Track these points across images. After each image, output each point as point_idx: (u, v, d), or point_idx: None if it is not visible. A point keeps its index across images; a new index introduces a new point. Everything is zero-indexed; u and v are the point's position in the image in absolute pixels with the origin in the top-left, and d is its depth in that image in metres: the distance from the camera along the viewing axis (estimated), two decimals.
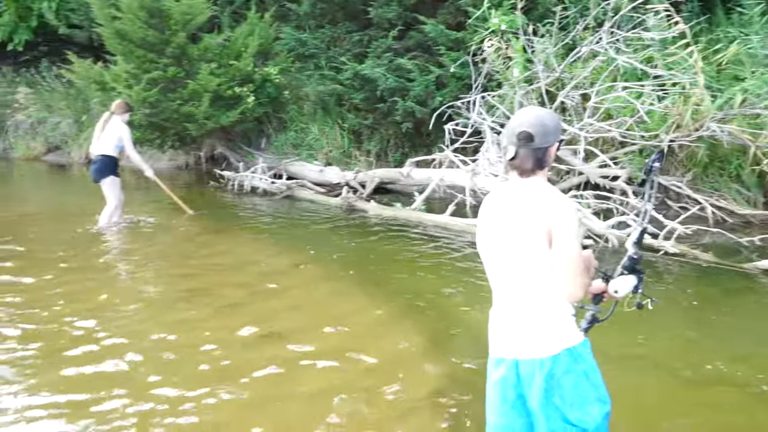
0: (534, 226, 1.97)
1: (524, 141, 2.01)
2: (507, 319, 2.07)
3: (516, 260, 2.02)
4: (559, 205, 1.98)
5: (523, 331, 2.03)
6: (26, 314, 4.46)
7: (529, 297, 2.02)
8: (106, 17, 9.31)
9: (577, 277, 1.96)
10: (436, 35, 8.28)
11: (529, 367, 2.00)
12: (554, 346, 1.99)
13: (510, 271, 2.04)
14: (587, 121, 6.53)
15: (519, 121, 2.05)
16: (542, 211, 1.97)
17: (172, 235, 6.96)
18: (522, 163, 2.03)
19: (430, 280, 5.14)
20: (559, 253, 1.96)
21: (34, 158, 14.99)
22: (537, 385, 1.98)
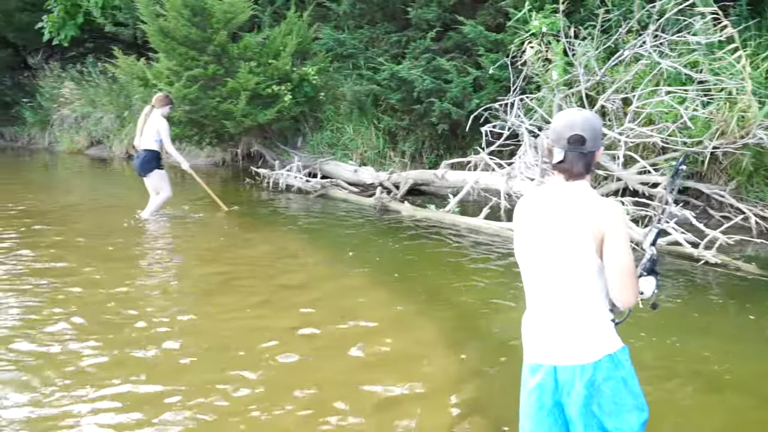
0: (584, 230, 1.93)
1: (575, 144, 1.96)
2: (546, 324, 2.02)
3: (561, 265, 1.97)
4: (612, 210, 1.94)
5: (564, 336, 1.98)
6: (66, 299, 4.58)
7: (572, 302, 1.98)
8: (150, 15, 9.50)
9: (631, 283, 1.93)
10: (475, 36, 8.23)
11: (568, 374, 1.95)
12: (596, 353, 1.95)
13: (553, 275, 1.99)
14: (628, 125, 6.40)
15: (568, 123, 1.99)
16: (594, 215, 1.93)
17: (207, 230, 7.06)
18: (571, 167, 1.99)
19: (460, 282, 5.09)
20: (614, 259, 1.92)
21: (77, 152, 15.42)
22: (577, 392, 1.93)
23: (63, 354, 3.73)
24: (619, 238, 1.92)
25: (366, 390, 3.31)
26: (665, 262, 5.55)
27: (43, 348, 3.80)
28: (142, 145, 7.12)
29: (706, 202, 6.79)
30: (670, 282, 5.06)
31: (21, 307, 4.49)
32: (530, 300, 2.09)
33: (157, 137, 7.07)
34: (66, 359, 3.66)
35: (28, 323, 4.20)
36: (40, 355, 3.72)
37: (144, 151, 7.11)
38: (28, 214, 7.82)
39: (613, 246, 1.92)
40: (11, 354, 3.71)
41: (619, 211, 1.95)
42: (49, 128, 16.76)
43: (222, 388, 3.31)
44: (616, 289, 1.94)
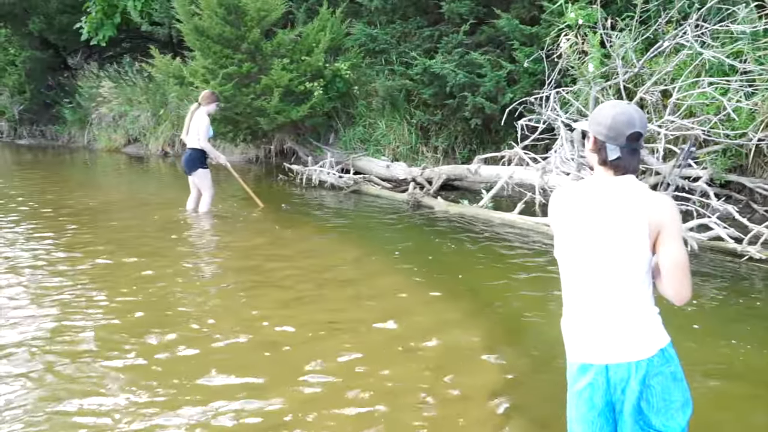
0: (640, 225, 1.88)
1: (633, 142, 1.91)
2: (596, 322, 1.96)
3: (615, 260, 1.92)
4: (668, 204, 1.89)
5: (616, 334, 1.93)
6: (106, 294, 4.69)
7: (624, 298, 1.93)
8: (186, 14, 9.64)
9: (688, 279, 1.89)
10: (509, 30, 8.13)
11: (623, 372, 1.90)
12: (650, 348, 1.90)
13: (605, 271, 1.94)
14: (668, 118, 6.25)
15: (629, 120, 1.90)
16: (650, 210, 1.87)
17: (242, 227, 7.13)
18: (627, 164, 1.93)
19: (496, 278, 5.04)
20: (670, 254, 1.87)
21: (115, 149, 15.77)
22: (631, 389, 1.89)
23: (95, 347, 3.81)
24: (676, 233, 1.88)
25: (406, 388, 3.28)
26: (707, 258, 5.41)
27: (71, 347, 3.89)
28: (189, 143, 7.20)
29: (750, 197, 6.60)
30: (713, 279, 4.92)
31: (61, 303, 4.60)
32: (574, 297, 2.02)
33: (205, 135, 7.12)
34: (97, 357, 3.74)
35: (68, 317, 4.30)
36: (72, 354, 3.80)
37: (190, 149, 7.19)
38: (71, 211, 8.02)
39: (669, 241, 1.87)
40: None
41: (674, 206, 1.91)
42: (88, 127, 17.17)
43: (256, 393, 3.33)
44: (673, 285, 1.89)
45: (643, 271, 1.92)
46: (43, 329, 4.04)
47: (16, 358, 3.62)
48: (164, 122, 14.09)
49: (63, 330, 4.04)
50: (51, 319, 4.23)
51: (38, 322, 4.16)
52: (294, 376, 3.40)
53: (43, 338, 3.91)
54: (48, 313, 4.32)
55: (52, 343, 3.83)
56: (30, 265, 5.48)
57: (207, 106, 7.19)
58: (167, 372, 3.47)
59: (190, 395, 3.21)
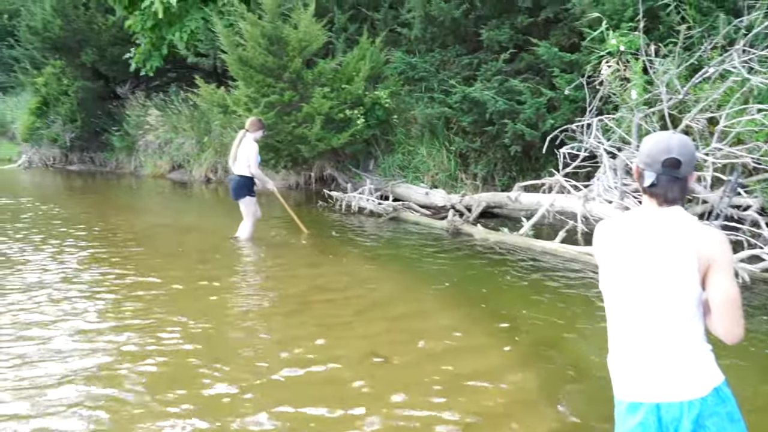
0: (688, 259, 1.83)
1: (670, 168, 1.88)
2: (646, 359, 1.91)
3: (663, 295, 1.87)
4: (718, 238, 1.84)
5: (668, 371, 1.88)
6: (151, 319, 4.79)
7: (675, 334, 1.88)
8: (230, 45, 9.93)
9: (740, 315, 1.83)
10: (549, 57, 8.12)
11: (675, 411, 1.84)
12: (703, 387, 1.84)
13: (654, 307, 1.89)
14: (715, 145, 6.10)
15: (664, 147, 1.90)
16: (699, 243, 1.83)
17: (283, 252, 7.22)
18: (665, 191, 1.90)
19: (540, 310, 4.95)
20: (722, 290, 1.82)
21: (160, 175, 16.21)
22: (684, 430, 1.83)
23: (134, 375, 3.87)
24: (726, 268, 1.83)
25: (447, 419, 3.24)
26: (760, 290, 5.22)
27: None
28: (236, 170, 7.32)
29: None
30: (761, 312, 4.74)
31: (114, 321, 4.72)
32: (622, 333, 1.98)
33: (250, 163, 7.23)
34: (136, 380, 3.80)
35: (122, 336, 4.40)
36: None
37: (238, 176, 7.30)
38: (119, 234, 8.26)
39: (719, 276, 1.82)
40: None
41: (725, 240, 1.85)
42: (134, 154, 17.73)
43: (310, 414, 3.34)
44: (724, 322, 1.83)
45: (693, 307, 1.86)
46: (93, 364, 4.15)
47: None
48: (208, 149, 14.45)
49: (120, 361, 4.13)
50: (101, 353, 4.33)
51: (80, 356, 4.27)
52: (353, 411, 3.38)
53: (97, 370, 4.01)
54: (91, 345, 4.43)
55: (99, 376, 3.92)
56: (73, 287, 5.65)
57: (254, 133, 7.32)
58: (229, 406, 3.50)
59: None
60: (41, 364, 3.94)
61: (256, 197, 7.43)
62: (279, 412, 3.33)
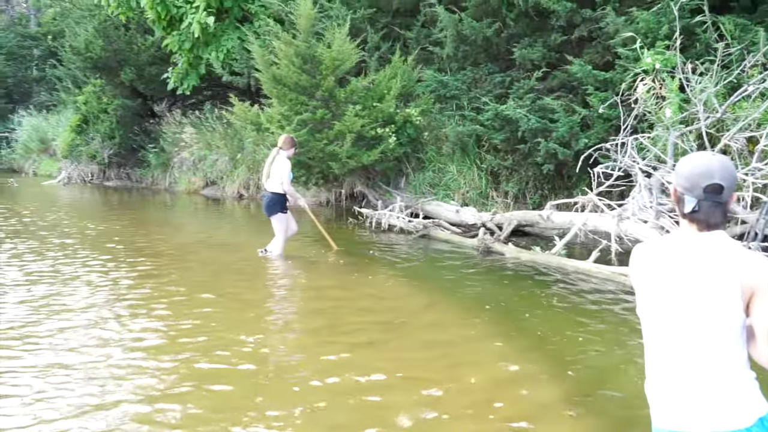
0: (732, 286, 1.78)
1: (712, 194, 1.82)
2: (687, 387, 1.85)
3: (706, 322, 1.82)
4: (762, 265, 1.79)
5: (709, 401, 1.82)
6: (175, 333, 4.84)
7: (717, 362, 1.82)
8: (265, 64, 10.11)
9: None
10: (582, 75, 8.06)
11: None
12: (748, 417, 1.77)
13: (695, 333, 1.84)
14: (755, 165, 5.96)
15: (705, 172, 1.84)
16: (743, 270, 1.78)
17: (312, 269, 7.26)
18: (707, 217, 1.84)
19: (571, 331, 4.86)
20: (765, 318, 1.77)
21: (194, 191, 16.49)
22: None
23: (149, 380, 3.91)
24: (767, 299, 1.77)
25: None
26: None
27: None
28: (269, 188, 7.42)
29: None
30: None
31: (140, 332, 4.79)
32: (661, 360, 1.92)
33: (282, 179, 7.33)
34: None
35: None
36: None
37: (270, 193, 7.40)
38: (155, 249, 8.42)
39: (764, 304, 1.77)
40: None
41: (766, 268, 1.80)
42: (169, 170, 18.09)
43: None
44: (767, 351, 1.77)
45: (736, 334, 1.80)
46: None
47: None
48: (240, 166, 14.66)
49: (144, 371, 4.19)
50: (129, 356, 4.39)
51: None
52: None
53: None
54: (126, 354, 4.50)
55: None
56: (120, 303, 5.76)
57: (287, 150, 7.41)
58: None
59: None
60: (103, 381, 3.99)
61: (288, 213, 7.50)
62: None
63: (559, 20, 8.64)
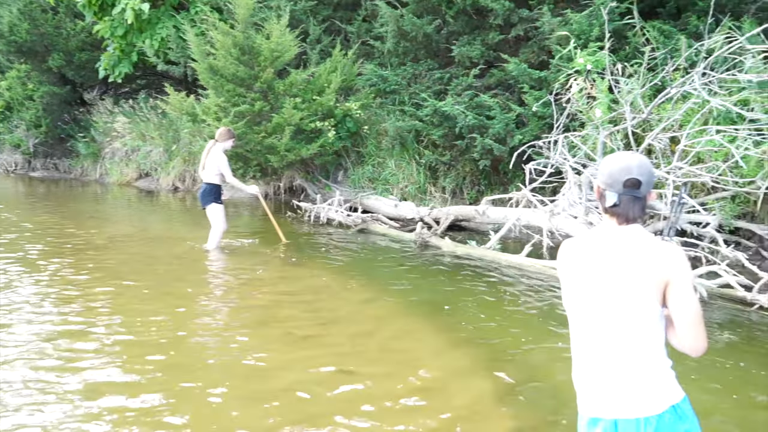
0: (646, 277, 1.87)
1: (631, 188, 1.92)
2: (606, 376, 1.95)
3: (622, 313, 1.91)
4: (675, 256, 1.88)
5: (626, 388, 1.91)
6: (107, 329, 4.68)
7: (634, 352, 1.91)
8: (201, 54, 9.86)
9: (702, 330, 1.88)
10: (518, 74, 8.25)
11: (631, 428, 1.87)
12: (660, 404, 1.87)
13: (613, 324, 1.93)
14: (676, 164, 6.27)
15: (624, 167, 1.95)
16: (657, 262, 1.87)
17: (249, 263, 7.14)
18: (626, 211, 1.94)
19: (504, 324, 5.00)
20: (683, 307, 1.86)
21: (126, 184, 15.95)
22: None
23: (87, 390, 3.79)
24: (686, 285, 1.87)
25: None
26: (716, 306, 5.35)
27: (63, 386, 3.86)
28: (204, 178, 7.38)
29: (759, 243, 6.56)
30: (720, 328, 4.86)
31: (65, 325, 4.60)
32: (584, 350, 2.01)
33: (218, 171, 7.27)
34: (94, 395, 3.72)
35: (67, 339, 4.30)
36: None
37: (205, 184, 7.38)
38: (81, 244, 8.08)
39: (680, 293, 1.86)
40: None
41: (682, 256, 1.89)
42: (100, 161, 17.41)
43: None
44: (687, 337, 1.87)
45: (652, 324, 1.90)
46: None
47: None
48: (176, 158, 14.28)
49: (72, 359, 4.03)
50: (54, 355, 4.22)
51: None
52: (304, 426, 3.35)
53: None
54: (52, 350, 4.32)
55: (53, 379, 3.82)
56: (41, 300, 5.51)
57: (224, 142, 7.34)
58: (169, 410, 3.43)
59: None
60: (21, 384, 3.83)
61: (223, 206, 7.40)
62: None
63: (497, 19, 8.81)
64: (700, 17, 7.41)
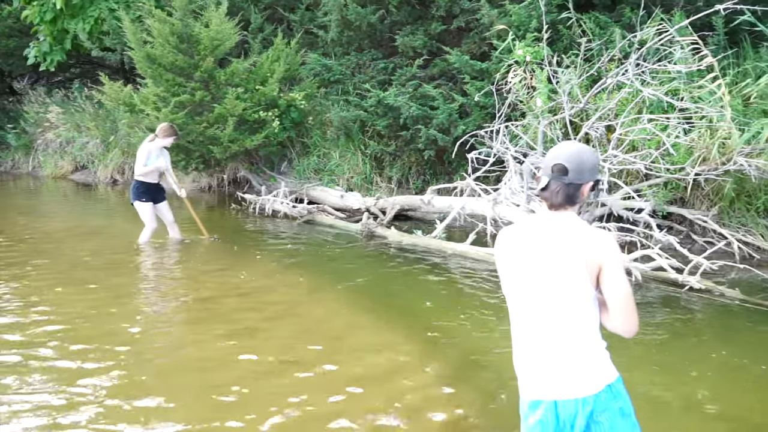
0: (577, 261, 1.93)
1: (557, 174, 1.99)
2: (543, 359, 2.00)
3: (556, 297, 1.96)
4: (606, 240, 1.95)
5: (563, 370, 1.97)
6: (39, 326, 4.51)
7: (569, 335, 1.97)
8: (137, 42, 9.53)
9: (633, 312, 1.94)
10: (460, 65, 8.34)
11: (570, 408, 1.94)
12: (596, 384, 1.94)
13: (548, 308, 1.98)
14: (611, 152, 6.48)
15: (556, 153, 2.03)
16: (587, 246, 1.93)
17: (191, 257, 7.00)
18: (551, 196, 2.00)
19: (449, 310, 5.08)
20: (614, 289, 1.92)
21: (61, 176, 15.30)
22: (579, 426, 1.93)
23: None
24: (617, 268, 1.93)
25: (347, 424, 3.26)
26: (650, 288, 5.58)
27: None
28: (135, 174, 7.15)
29: (690, 228, 6.87)
30: (654, 309, 5.08)
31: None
32: (522, 335, 2.06)
33: (144, 167, 7.01)
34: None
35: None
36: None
37: (133, 180, 7.19)
38: (16, 238, 7.72)
39: (612, 277, 1.92)
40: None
41: (612, 241, 1.96)
42: (33, 153, 16.64)
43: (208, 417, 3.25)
44: (619, 319, 1.94)
45: (586, 307, 1.96)
46: None
47: None
48: (114, 149, 13.79)
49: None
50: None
51: None
52: (245, 418, 3.32)
53: None
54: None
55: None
56: None
57: (163, 139, 7.12)
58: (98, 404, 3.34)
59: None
60: None
61: (149, 204, 7.14)
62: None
63: (439, 10, 8.87)
64: (633, 9, 7.65)
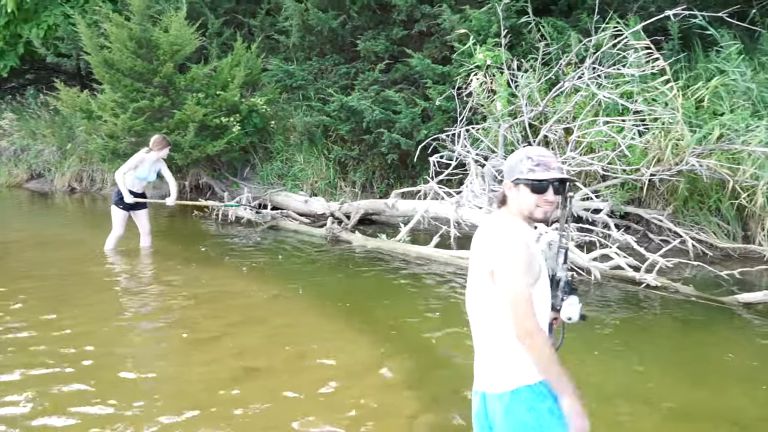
0: (484, 262, 2.01)
1: (501, 176, 2.06)
2: (477, 353, 2.11)
3: (476, 297, 2.06)
4: (502, 241, 1.95)
5: (487, 365, 2.05)
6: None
7: (488, 334, 2.04)
8: (94, 47, 9.36)
9: (519, 316, 1.89)
10: (422, 69, 8.41)
11: (492, 400, 2.01)
12: (512, 382, 1.97)
13: (477, 308, 2.07)
14: (570, 154, 6.62)
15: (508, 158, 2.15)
16: (489, 247, 2.00)
17: (153, 266, 6.88)
18: (495, 196, 2.09)
19: (414, 313, 5.11)
20: (502, 292, 1.94)
21: (16, 185, 14.85)
22: (498, 419, 1.98)
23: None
24: (506, 271, 1.92)
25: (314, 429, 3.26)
26: (609, 286, 5.71)
27: None
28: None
29: (646, 227, 7.06)
30: (612, 306, 5.20)
31: None
32: (472, 331, 2.16)
33: (139, 175, 7.06)
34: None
35: None
36: None
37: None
38: None
39: (500, 279, 1.94)
40: None
41: (509, 243, 1.93)
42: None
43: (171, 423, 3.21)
44: (511, 322, 1.92)
45: (496, 309, 1.98)
46: None
47: None
48: (71, 157, 13.47)
49: None
50: None
51: None
52: (205, 424, 3.29)
53: None
54: None
55: None
56: None
57: (159, 151, 7.10)
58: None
59: None
60: None
61: (125, 212, 7.08)
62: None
63: (400, 15, 8.93)
64: (589, 14, 7.83)
